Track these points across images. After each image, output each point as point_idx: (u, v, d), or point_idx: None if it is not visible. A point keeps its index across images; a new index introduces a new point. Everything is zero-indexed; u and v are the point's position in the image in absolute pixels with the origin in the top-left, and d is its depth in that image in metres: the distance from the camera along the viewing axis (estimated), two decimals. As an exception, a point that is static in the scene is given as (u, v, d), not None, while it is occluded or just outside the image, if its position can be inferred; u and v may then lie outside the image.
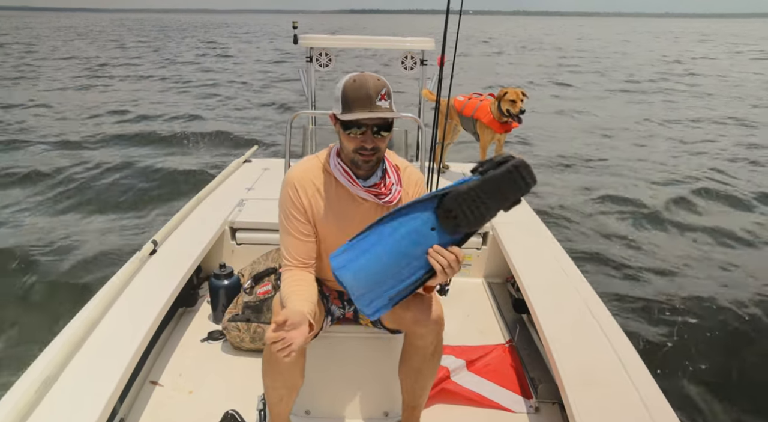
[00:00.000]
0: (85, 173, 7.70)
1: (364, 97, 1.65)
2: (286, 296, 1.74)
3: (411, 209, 1.56)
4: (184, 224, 3.22)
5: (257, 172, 4.28)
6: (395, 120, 1.77)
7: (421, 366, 1.96)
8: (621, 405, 1.89)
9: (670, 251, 5.49)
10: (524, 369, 2.59)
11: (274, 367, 1.84)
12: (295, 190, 1.83)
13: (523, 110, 3.79)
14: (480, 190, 1.45)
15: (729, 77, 21.13)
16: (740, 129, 11.72)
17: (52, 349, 1.99)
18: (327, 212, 1.84)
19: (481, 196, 1.46)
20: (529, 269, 2.84)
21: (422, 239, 1.55)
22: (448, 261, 1.55)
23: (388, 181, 1.84)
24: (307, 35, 3.94)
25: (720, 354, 3.74)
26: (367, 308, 1.62)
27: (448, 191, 1.51)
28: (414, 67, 4.00)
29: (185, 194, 6.51)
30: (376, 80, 1.68)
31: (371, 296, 1.60)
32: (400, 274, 1.58)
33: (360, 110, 1.65)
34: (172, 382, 2.50)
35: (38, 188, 7.03)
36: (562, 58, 29.36)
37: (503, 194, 1.44)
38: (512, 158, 1.42)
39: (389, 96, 1.70)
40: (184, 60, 26.30)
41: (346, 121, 1.69)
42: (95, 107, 13.24)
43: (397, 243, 1.56)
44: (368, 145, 1.70)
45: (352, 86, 1.67)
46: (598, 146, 10.00)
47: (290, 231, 1.84)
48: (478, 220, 1.51)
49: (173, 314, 2.98)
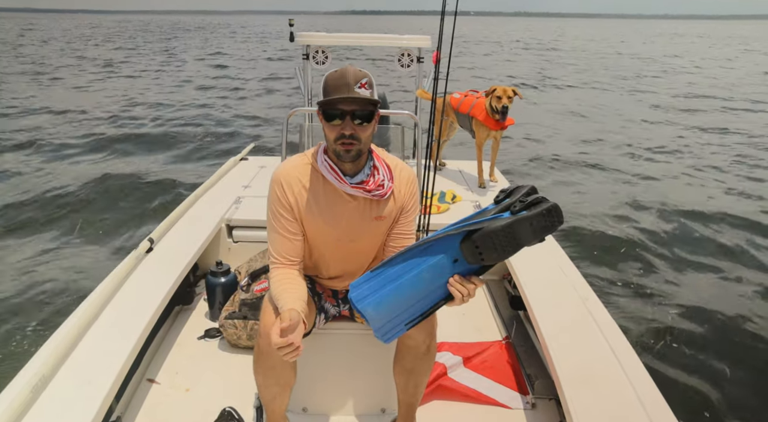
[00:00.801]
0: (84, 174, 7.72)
1: (343, 85, 1.67)
2: (277, 296, 1.75)
3: (437, 244, 1.54)
4: (180, 222, 3.22)
5: (254, 169, 4.28)
6: (392, 118, 1.77)
7: (414, 365, 1.95)
8: (617, 401, 1.88)
9: (669, 249, 5.49)
10: (521, 365, 2.58)
11: (264, 365, 1.84)
12: (281, 187, 1.82)
13: (507, 106, 3.84)
14: (512, 229, 1.44)
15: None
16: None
17: (48, 347, 1.99)
18: (314, 209, 1.83)
19: (513, 235, 1.45)
20: (526, 267, 2.84)
21: (444, 270, 1.56)
22: (468, 291, 1.56)
23: (378, 177, 1.82)
24: (304, 33, 3.95)
25: (716, 350, 3.75)
26: (384, 336, 1.65)
27: (477, 227, 1.48)
28: (410, 64, 4.01)
29: (182, 191, 6.53)
30: (357, 71, 1.70)
31: (390, 325, 1.64)
32: (419, 303, 1.61)
33: (337, 94, 1.67)
34: (169, 380, 2.49)
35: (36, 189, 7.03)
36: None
37: (535, 234, 1.44)
38: (543, 199, 1.41)
39: (371, 86, 1.71)
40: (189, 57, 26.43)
41: (325, 109, 1.70)
42: (102, 105, 13.31)
43: (418, 275, 1.56)
44: (347, 131, 1.69)
45: (333, 76, 1.71)
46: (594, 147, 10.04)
47: (277, 229, 1.83)
48: (503, 256, 1.50)
49: (170, 312, 2.98)
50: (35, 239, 5.38)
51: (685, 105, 14.66)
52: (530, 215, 1.40)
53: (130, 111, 12.70)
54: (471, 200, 3.78)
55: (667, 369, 3.50)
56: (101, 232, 5.61)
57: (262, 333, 1.81)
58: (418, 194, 2.00)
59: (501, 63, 26.47)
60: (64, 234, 5.48)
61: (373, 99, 1.70)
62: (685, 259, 5.27)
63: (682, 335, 3.89)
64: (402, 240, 1.95)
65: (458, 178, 4.31)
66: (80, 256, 5.00)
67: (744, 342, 3.87)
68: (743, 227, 6.09)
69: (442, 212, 3.52)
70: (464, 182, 4.22)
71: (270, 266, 1.88)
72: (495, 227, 1.44)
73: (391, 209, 1.88)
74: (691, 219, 6.26)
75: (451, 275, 1.56)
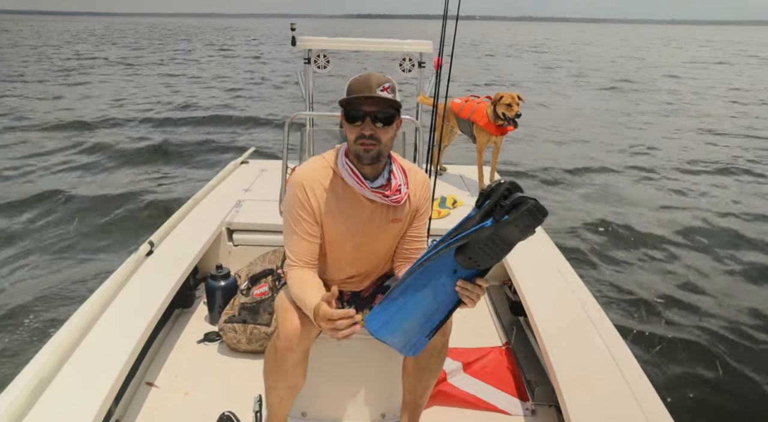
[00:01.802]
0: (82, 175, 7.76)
1: (365, 87, 1.70)
2: (300, 294, 1.76)
3: (434, 263, 1.56)
4: (180, 225, 3.23)
5: (254, 173, 4.29)
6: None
7: (428, 363, 1.95)
8: (617, 408, 1.87)
9: (670, 253, 5.49)
10: (521, 371, 2.57)
11: (278, 366, 1.84)
12: (303, 191, 1.83)
13: (519, 113, 3.81)
14: (498, 236, 1.45)
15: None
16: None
17: (48, 349, 1.99)
18: (335, 212, 1.85)
19: (502, 240, 1.47)
20: (526, 272, 2.83)
21: (447, 283, 1.59)
22: (477, 293, 1.59)
23: (395, 182, 1.85)
24: (306, 37, 3.95)
25: (715, 356, 3.73)
26: (409, 352, 1.73)
27: (464, 242, 1.50)
28: (412, 69, 4.01)
29: (182, 195, 6.52)
30: (380, 76, 1.73)
31: (412, 342, 1.70)
32: (432, 317, 1.65)
33: (359, 94, 1.70)
34: (168, 383, 2.49)
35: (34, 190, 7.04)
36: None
37: (523, 232, 1.45)
38: (523, 198, 1.41)
39: (393, 91, 1.74)
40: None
41: (347, 109, 1.72)
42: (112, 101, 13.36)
43: (424, 295, 1.61)
44: (366, 132, 1.71)
45: (357, 79, 1.75)
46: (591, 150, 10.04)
47: (297, 231, 1.84)
48: (498, 258, 1.53)
49: (169, 316, 2.98)
50: (34, 241, 5.38)
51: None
52: (513, 218, 1.41)
53: (130, 111, 12.80)
54: (471, 205, 3.75)
55: (668, 376, 3.49)
56: (101, 235, 5.61)
57: (282, 335, 1.79)
58: (431, 198, 2.02)
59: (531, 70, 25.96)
60: (64, 238, 5.47)
61: (394, 100, 1.72)
62: (685, 264, 5.26)
63: (682, 342, 3.88)
64: (414, 243, 1.99)
65: (459, 183, 4.31)
66: (80, 259, 5.00)
67: (743, 347, 3.86)
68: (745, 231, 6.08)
69: (442, 217, 3.52)
70: (465, 187, 4.22)
71: (286, 267, 1.89)
72: (482, 238, 1.46)
73: (406, 211, 1.92)
74: (694, 224, 6.26)
75: (454, 284, 1.58)
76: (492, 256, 1.50)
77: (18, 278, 4.61)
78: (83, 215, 6.15)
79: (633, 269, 5.10)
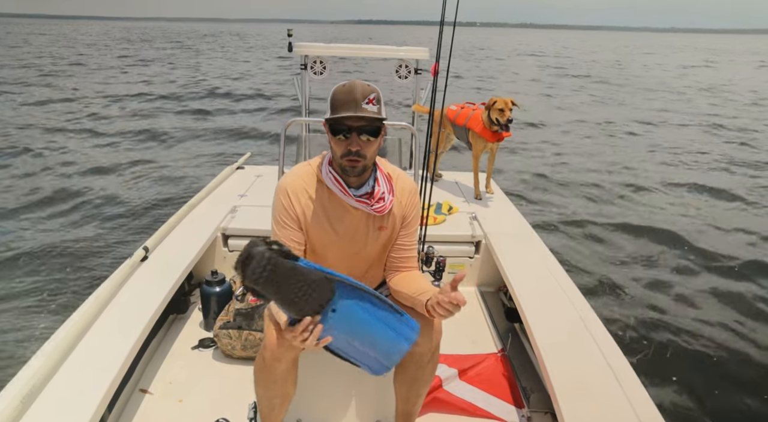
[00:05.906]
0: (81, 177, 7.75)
1: (351, 100, 1.67)
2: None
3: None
4: (176, 231, 3.22)
5: (250, 179, 4.28)
6: (390, 129, 1.78)
7: (417, 373, 1.94)
8: (613, 414, 1.87)
9: (663, 260, 5.49)
10: (516, 378, 2.56)
11: (267, 376, 1.83)
12: (287, 197, 1.83)
13: (511, 119, 3.81)
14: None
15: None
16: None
17: (40, 356, 1.97)
18: (320, 220, 1.84)
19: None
20: (522, 279, 2.82)
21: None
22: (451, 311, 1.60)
23: (378, 190, 1.83)
24: (302, 43, 3.96)
25: (711, 364, 3.74)
26: (388, 366, 1.71)
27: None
28: (408, 76, 4.01)
29: (177, 200, 6.53)
30: (365, 86, 1.70)
31: (379, 360, 1.69)
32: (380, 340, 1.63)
33: (345, 111, 1.66)
34: (162, 390, 2.47)
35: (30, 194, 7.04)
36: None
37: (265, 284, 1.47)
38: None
39: (378, 102, 1.71)
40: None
41: (332, 124, 1.70)
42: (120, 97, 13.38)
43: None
44: (353, 147, 1.69)
45: (341, 90, 1.71)
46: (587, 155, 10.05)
47: (281, 238, 1.83)
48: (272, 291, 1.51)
49: (164, 321, 2.97)
50: (33, 243, 5.38)
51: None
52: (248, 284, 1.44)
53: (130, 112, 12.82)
54: (467, 212, 3.76)
55: (664, 382, 3.49)
56: (95, 239, 5.59)
57: (267, 346, 1.78)
58: (420, 205, 2.01)
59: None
60: (56, 242, 5.46)
61: (380, 116, 1.70)
62: (682, 271, 5.26)
63: (678, 349, 3.88)
64: (403, 252, 1.97)
65: (454, 189, 4.30)
66: (74, 263, 4.98)
67: (740, 356, 3.84)
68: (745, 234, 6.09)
69: (438, 224, 3.51)
70: (460, 193, 4.21)
71: None
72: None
73: (393, 218, 1.90)
74: (691, 232, 6.25)
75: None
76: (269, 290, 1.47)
77: (9, 282, 4.59)
78: (76, 221, 6.14)
79: (629, 276, 5.09)
